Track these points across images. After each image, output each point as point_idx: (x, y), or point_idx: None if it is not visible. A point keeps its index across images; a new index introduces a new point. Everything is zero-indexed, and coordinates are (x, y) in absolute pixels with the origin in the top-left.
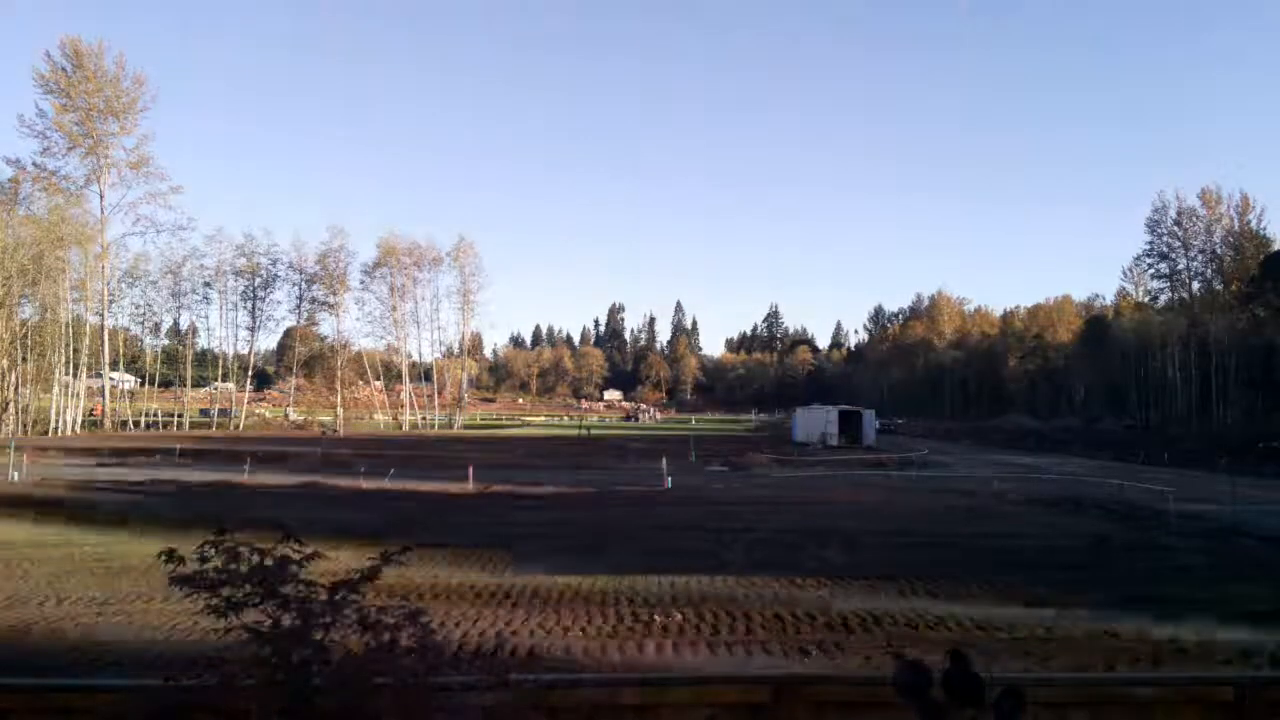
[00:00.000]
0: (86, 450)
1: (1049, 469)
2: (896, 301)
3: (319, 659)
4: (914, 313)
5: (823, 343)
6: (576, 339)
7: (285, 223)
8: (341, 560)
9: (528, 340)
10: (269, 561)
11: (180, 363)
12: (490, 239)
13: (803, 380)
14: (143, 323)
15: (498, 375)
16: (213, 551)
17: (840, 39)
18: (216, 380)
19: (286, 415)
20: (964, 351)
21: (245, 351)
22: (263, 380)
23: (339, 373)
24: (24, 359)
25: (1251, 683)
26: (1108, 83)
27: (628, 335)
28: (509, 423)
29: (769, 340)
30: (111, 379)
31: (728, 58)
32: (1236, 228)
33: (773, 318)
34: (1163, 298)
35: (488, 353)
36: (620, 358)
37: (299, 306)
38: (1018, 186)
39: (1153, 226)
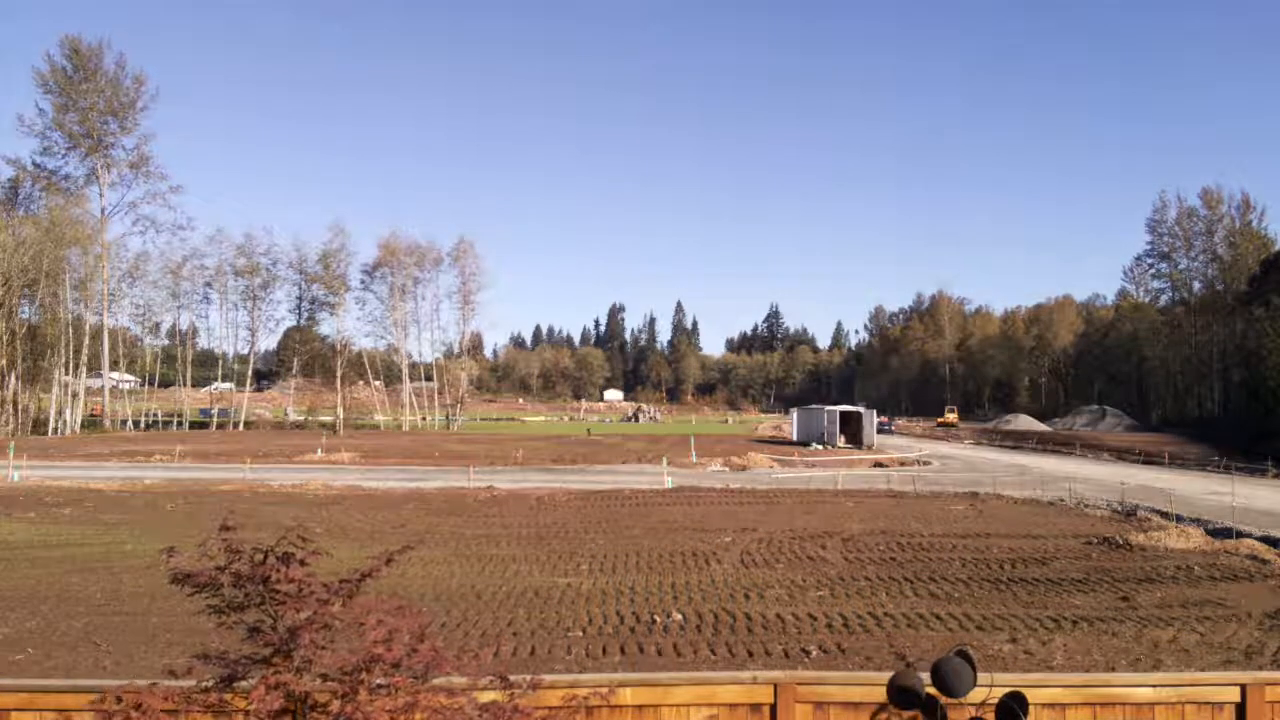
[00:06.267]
0: (86, 450)
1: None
2: (896, 301)
3: (319, 658)
4: (914, 313)
5: (823, 343)
6: (577, 339)
7: (286, 223)
8: (344, 559)
9: (528, 340)
10: (270, 559)
11: (180, 363)
12: (491, 239)
13: (803, 380)
14: (143, 323)
15: (498, 375)
16: (214, 549)
17: (839, 39)
18: (216, 380)
19: (286, 415)
20: (965, 352)
21: (245, 351)
22: (263, 380)
23: (339, 373)
24: (24, 359)
25: (1253, 683)
26: (1109, 81)
27: (628, 335)
28: (510, 423)
29: (769, 340)
30: (111, 379)
31: (727, 58)
32: (1237, 228)
33: (773, 318)
34: (1164, 298)
35: (488, 353)
36: (621, 358)
37: (299, 306)
38: (1018, 186)
39: (1154, 227)
